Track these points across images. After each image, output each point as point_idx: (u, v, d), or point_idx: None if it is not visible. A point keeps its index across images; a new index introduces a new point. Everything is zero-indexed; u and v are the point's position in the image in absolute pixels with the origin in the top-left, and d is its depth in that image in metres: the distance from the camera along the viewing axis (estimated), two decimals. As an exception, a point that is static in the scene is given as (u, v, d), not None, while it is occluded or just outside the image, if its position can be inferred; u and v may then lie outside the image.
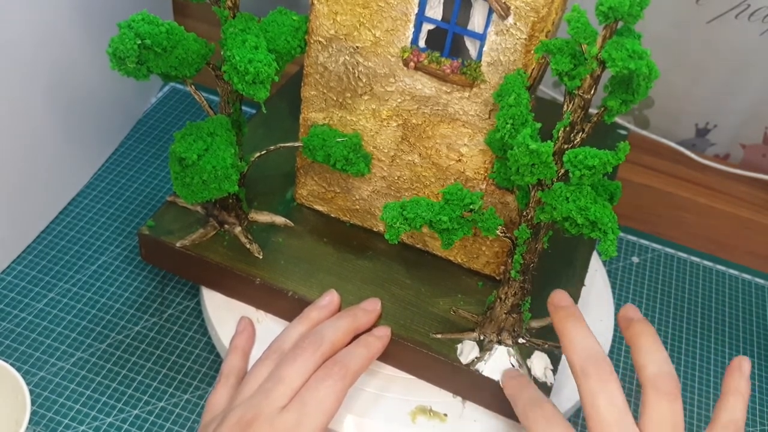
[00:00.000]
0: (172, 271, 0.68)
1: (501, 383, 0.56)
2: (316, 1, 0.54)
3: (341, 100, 0.58)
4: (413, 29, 0.53)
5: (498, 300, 0.57)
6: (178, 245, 0.62)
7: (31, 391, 0.60)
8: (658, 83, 0.45)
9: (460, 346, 0.58)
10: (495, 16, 0.49)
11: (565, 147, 0.49)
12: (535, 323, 0.59)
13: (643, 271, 0.78)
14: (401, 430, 0.57)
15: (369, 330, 0.58)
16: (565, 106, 0.48)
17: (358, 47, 0.55)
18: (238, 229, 0.63)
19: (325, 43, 0.56)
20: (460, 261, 0.63)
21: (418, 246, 0.64)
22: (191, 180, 0.56)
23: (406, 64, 0.54)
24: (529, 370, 0.57)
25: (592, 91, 0.46)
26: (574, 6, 0.45)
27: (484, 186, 0.58)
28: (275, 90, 0.76)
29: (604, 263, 0.73)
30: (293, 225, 0.65)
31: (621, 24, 0.43)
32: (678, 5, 0.84)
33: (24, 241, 0.70)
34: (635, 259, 0.79)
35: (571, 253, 0.66)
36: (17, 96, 0.63)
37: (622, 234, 0.81)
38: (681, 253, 0.81)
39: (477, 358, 0.57)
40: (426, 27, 0.52)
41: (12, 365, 0.57)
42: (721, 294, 0.78)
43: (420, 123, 0.57)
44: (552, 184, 0.49)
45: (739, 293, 0.78)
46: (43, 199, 0.72)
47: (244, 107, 0.59)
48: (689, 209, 0.87)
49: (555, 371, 0.57)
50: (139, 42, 0.49)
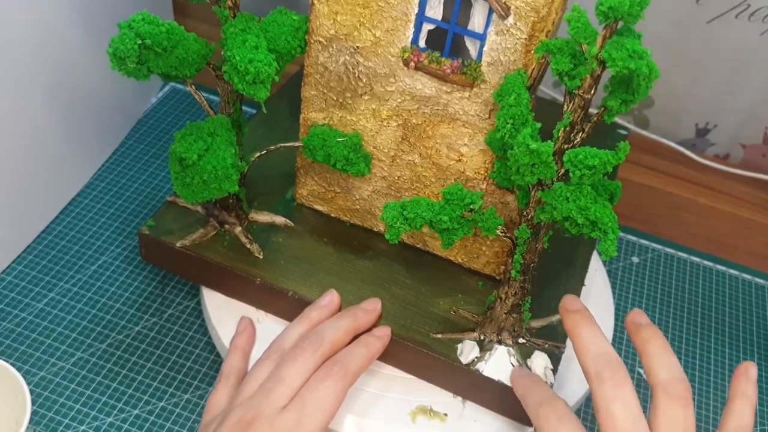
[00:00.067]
0: (172, 271, 0.68)
1: (510, 382, 0.55)
2: (316, 1, 0.54)
3: (341, 100, 0.58)
4: (413, 29, 0.53)
5: (498, 300, 0.57)
6: (178, 245, 0.62)
7: (32, 391, 0.60)
8: (658, 83, 0.45)
9: (460, 346, 0.58)
10: (495, 16, 0.49)
11: (565, 147, 0.49)
12: (535, 323, 0.59)
13: (643, 271, 0.78)
14: (401, 430, 0.57)
15: (369, 330, 0.58)
16: (565, 106, 0.48)
17: (358, 47, 0.55)
18: (238, 229, 0.63)
19: (326, 43, 0.56)
20: (460, 261, 0.63)
21: (418, 246, 0.65)
22: (191, 180, 0.56)
23: (406, 64, 0.54)
24: (530, 370, 0.57)
25: (592, 91, 0.46)
26: (574, 6, 0.45)
27: (484, 186, 0.58)
28: (275, 90, 0.76)
29: (604, 263, 0.73)
30: (293, 225, 0.65)
31: (621, 24, 0.43)
32: (678, 5, 0.84)
33: (24, 241, 0.70)
34: (635, 259, 0.79)
35: (571, 253, 0.66)
36: (17, 96, 0.63)
37: (622, 234, 0.81)
38: (681, 253, 0.81)
39: (477, 357, 0.57)
40: (426, 27, 0.52)
41: (12, 365, 0.57)
42: (721, 294, 0.78)
43: (420, 123, 0.57)
44: (552, 183, 0.49)
45: (739, 293, 0.78)
46: (43, 199, 0.72)
47: (244, 107, 0.59)
48: (689, 209, 0.87)
49: (555, 371, 0.57)
50: (140, 42, 0.49)
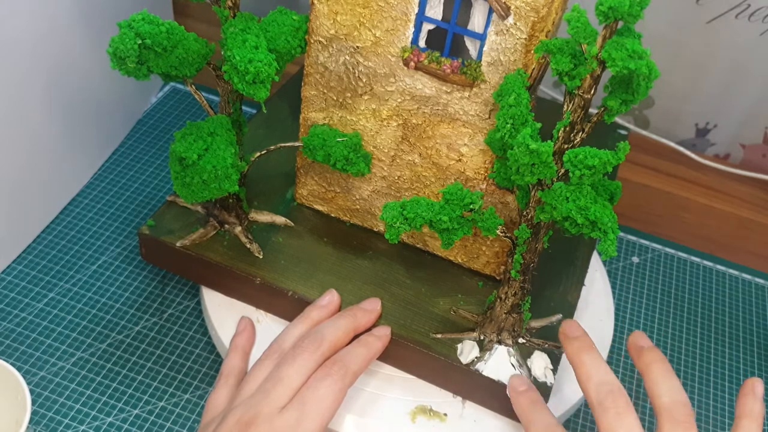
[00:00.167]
0: (172, 271, 0.68)
1: (509, 393, 0.55)
2: (316, 1, 0.54)
3: (341, 99, 0.58)
4: (413, 29, 0.53)
5: (498, 300, 0.57)
6: (178, 245, 0.62)
7: (32, 391, 0.60)
8: (658, 83, 0.45)
9: (460, 346, 0.58)
10: (495, 16, 0.49)
11: (565, 147, 0.49)
12: (535, 323, 0.59)
13: (643, 271, 0.78)
14: (401, 429, 0.57)
15: (369, 330, 0.58)
16: (565, 106, 0.48)
17: (358, 47, 0.55)
18: (238, 229, 0.63)
19: (326, 43, 0.56)
20: (460, 261, 0.63)
21: (418, 246, 0.64)
22: (191, 180, 0.56)
23: (406, 64, 0.54)
24: (529, 370, 0.57)
25: (592, 91, 0.46)
26: (574, 6, 0.45)
27: (484, 186, 0.58)
28: (275, 90, 0.76)
29: (604, 263, 0.73)
30: (293, 225, 0.65)
31: (621, 24, 0.43)
32: (678, 5, 0.84)
33: (24, 241, 0.70)
34: (635, 259, 0.79)
35: (571, 253, 0.66)
36: (17, 96, 0.63)
37: (622, 234, 0.81)
38: (681, 253, 0.81)
39: (477, 357, 0.57)
40: (426, 27, 0.52)
41: (12, 365, 0.57)
42: (721, 294, 0.78)
43: (420, 123, 0.57)
44: (552, 183, 0.49)
45: (739, 293, 0.78)
46: (43, 199, 0.72)
47: (244, 107, 0.59)
48: (689, 209, 0.87)
49: (555, 371, 0.57)
50: (140, 42, 0.49)
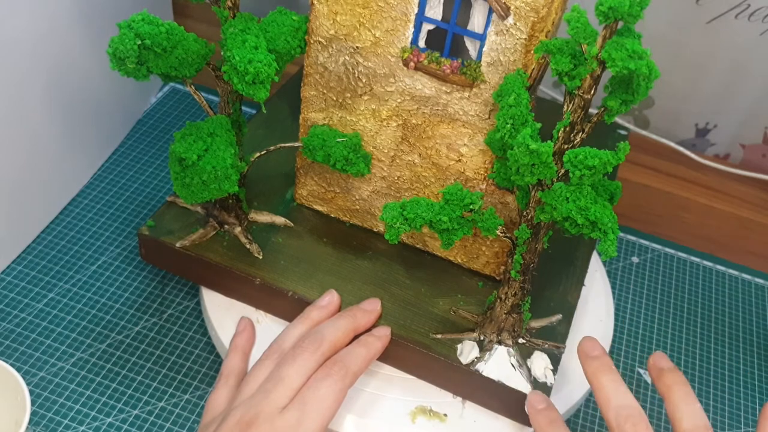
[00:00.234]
0: (172, 271, 0.68)
1: (527, 410, 0.55)
2: (316, 1, 0.54)
3: (341, 100, 0.58)
4: (413, 29, 0.53)
5: (498, 300, 0.57)
6: (178, 245, 0.62)
7: (31, 391, 0.60)
8: (658, 83, 0.45)
9: (460, 346, 0.58)
10: (495, 16, 0.49)
11: (565, 147, 0.49)
12: (535, 323, 0.59)
13: (643, 271, 0.78)
14: (401, 430, 0.57)
15: (369, 330, 0.58)
16: (565, 106, 0.48)
17: (358, 47, 0.55)
18: (238, 230, 0.63)
19: (325, 44, 0.56)
20: (460, 261, 0.63)
21: (418, 246, 0.64)
22: (191, 180, 0.55)
23: (406, 64, 0.54)
24: (529, 370, 0.57)
25: (592, 91, 0.46)
26: (574, 6, 0.45)
27: (484, 186, 0.58)
28: (275, 90, 0.76)
29: (604, 263, 0.73)
30: (293, 225, 0.65)
31: (621, 24, 0.43)
32: (678, 5, 0.84)
33: (24, 241, 0.70)
34: (635, 259, 0.79)
35: (571, 253, 0.66)
36: (17, 96, 0.63)
37: (622, 234, 0.81)
38: (681, 253, 0.81)
39: (477, 358, 0.57)
40: (426, 27, 0.52)
41: (12, 365, 0.57)
42: (721, 294, 0.78)
43: (420, 123, 0.57)
44: (552, 184, 0.49)
45: (739, 293, 0.78)
46: (43, 199, 0.72)
47: (244, 107, 0.59)
48: (689, 209, 0.87)
49: (555, 371, 0.57)
50: (139, 42, 0.49)
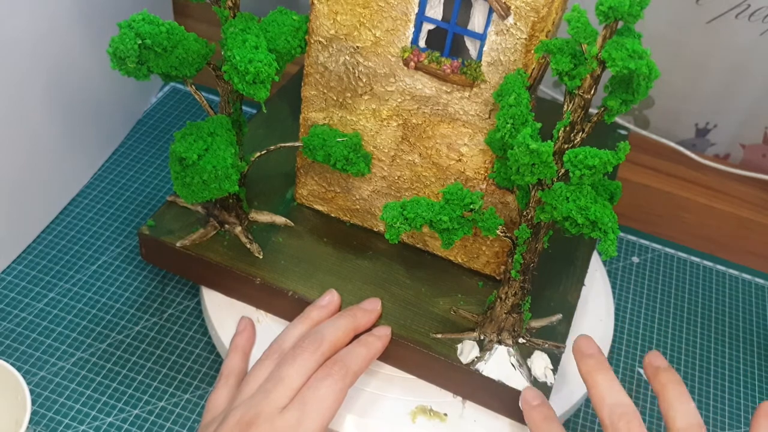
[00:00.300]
0: (172, 271, 0.68)
1: (521, 406, 0.55)
2: (316, 1, 0.54)
3: (341, 99, 0.58)
4: (413, 29, 0.53)
5: (498, 300, 0.57)
6: (178, 245, 0.62)
7: (32, 391, 0.60)
8: (658, 83, 0.45)
9: (460, 345, 0.58)
10: (495, 16, 0.49)
11: (565, 147, 0.49)
12: (535, 323, 0.59)
13: (643, 271, 0.78)
14: (401, 430, 0.57)
15: (369, 330, 0.58)
16: (565, 105, 0.48)
17: (358, 47, 0.55)
18: (238, 229, 0.63)
19: (326, 43, 0.56)
20: (460, 261, 0.63)
21: (418, 246, 0.64)
22: (191, 180, 0.55)
23: (406, 64, 0.54)
24: (529, 369, 0.57)
25: (592, 91, 0.46)
26: (574, 6, 0.45)
27: (484, 186, 0.58)
28: (276, 90, 0.76)
29: (604, 263, 0.73)
30: (293, 225, 0.65)
31: (621, 24, 0.43)
32: (678, 5, 0.84)
33: (24, 241, 0.70)
34: (635, 259, 0.79)
35: (572, 253, 0.66)
36: (17, 96, 0.63)
37: (622, 234, 0.81)
38: (681, 253, 0.81)
39: (477, 357, 0.57)
40: (426, 27, 0.52)
41: (12, 365, 0.57)
42: (721, 294, 0.78)
43: (420, 123, 0.57)
44: (552, 183, 0.49)
45: (739, 293, 0.78)
46: (43, 199, 0.72)
47: (244, 107, 0.59)
48: (689, 209, 0.87)
49: (555, 371, 0.57)
50: (140, 42, 0.49)
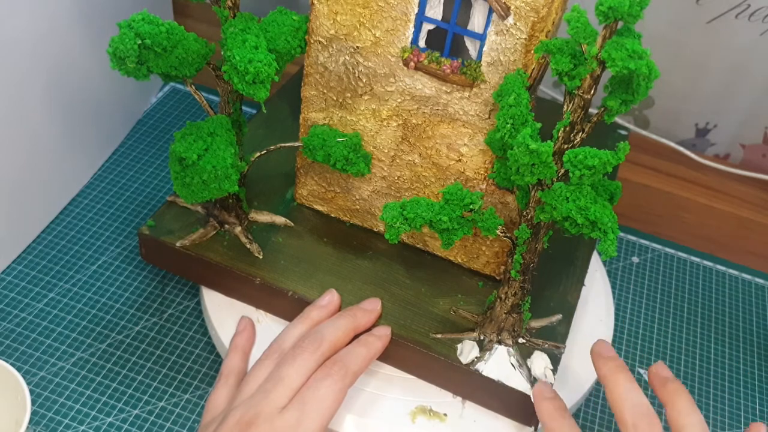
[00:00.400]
0: (172, 271, 0.68)
1: (533, 399, 0.55)
2: (316, 1, 0.54)
3: (341, 100, 0.58)
4: (413, 29, 0.53)
5: (498, 300, 0.57)
6: (178, 245, 0.62)
7: (32, 391, 0.60)
8: (658, 83, 0.45)
9: (460, 346, 0.58)
10: (495, 16, 0.49)
11: (565, 147, 0.49)
12: (535, 323, 0.59)
13: (643, 271, 0.78)
14: (401, 430, 0.57)
15: (369, 330, 0.58)
16: (565, 106, 0.48)
17: (358, 47, 0.55)
18: (238, 229, 0.63)
19: (326, 43, 0.56)
20: (460, 261, 0.63)
21: (418, 246, 0.64)
22: (191, 180, 0.56)
23: (406, 64, 0.54)
24: (529, 370, 0.57)
25: (591, 91, 0.46)
26: (574, 6, 0.45)
27: (484, 186, 0.58)
28: (276, 90, 0.76)
29: (604, 263, 0.73)
30: (293, 225, 0.65)
31: (621, 24, 0.43)
32: (678, 5, 0.84)
33: (24, 241, 0.70)
34: (635, 259, 0.79)
35: (571, 253, 0.66)
36: (17, 96, 0.63)
37: (622, 234, 0.81)
38: (681, 253, 0.81)
39: (477, 358, 0.57)
40: (426, 27, 0.52)
41: (12, 365, 0.57)
42: (721, 294, 0.78)
43: (420, 123, 0.57)
44: (552, 184, 0.49)
45: (739, 293, 0.78)
46: (43, 199, 0.72)
47: (244, 107, 0.59)
48: (689, 209, 0.87)
49: (555, 371, 0.57)
50: (139, 42, 0.49)
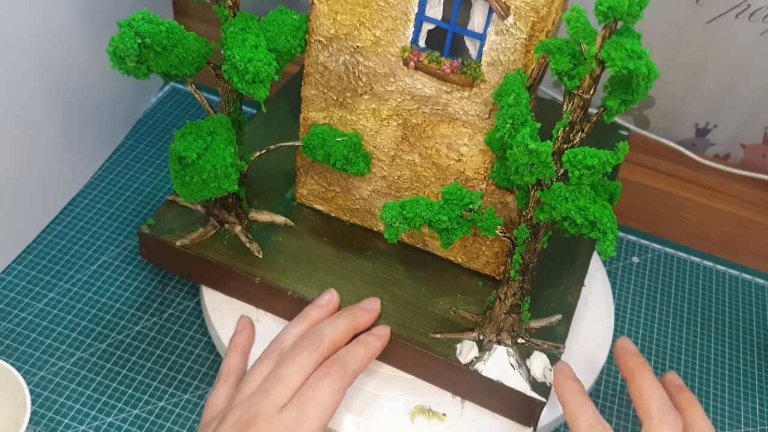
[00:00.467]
0: (172, 270, 0.68)
1: (553, 375, 0.56)
2: (316, 1, 0.54)
3: (341, 99, 0.58)
4: (413, 29, 0.53)
5: (497, 300, 0.57)
6: (178, 244, 0.62)
7: (32, 391, 0.60)
8: (658, 83, 0.45)
9: (459, 346, 0.58)
10: (495, 15, 0.49)
11: (565, 147, 0.49)
12: (535, 323, 0.59)
13: (643, 271, 0.78)
14: (400, 429, 0.57)
15: (368, 329, 0.58)
16: (565, 105, 0.48)
17: (358, 47, 0.55)
18: (238, 228, 0.63)
19: (326, 43, 0.56)
20: (460, 261, 0.63)
21: (418, 246, 0.64)
22: (191, 179, 0.56)
23: (406, 63, 0.54)
24: (528, 370, 0.57)
25: (591, 91, 0.46)
26: (573, 6, 0.45)
27: (484, 186, 0.58)
28: (276, 90, 0.76)
29: (604, 263, 0.73)
30: (293, 224, 0.65)
31: (620, 24, 0.43)
32: (678, 5, 0.84)
33: (24, 241, 0.70)
34: (635, 259, 0.79)
35: (571, 254, 0.66)
36: (17, 96, 0.63)
37: (622, 234, 0.81)
38: (681, 253, 0.81)
39: (476, 358, 0.57)
40: (426, 26, 0.52)
41: (12, 365, 0.57)
42: (721, 294, 0.78)
43: (420, 123, 0.57)
44: (551, 184, 0.49)
45: (739, 293, 0.78)
46: (43, 199, 0.72)
47: (245, 108, 0.59)
48: (689, 209, 0.87)
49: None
50: (139, 41, 0.49)
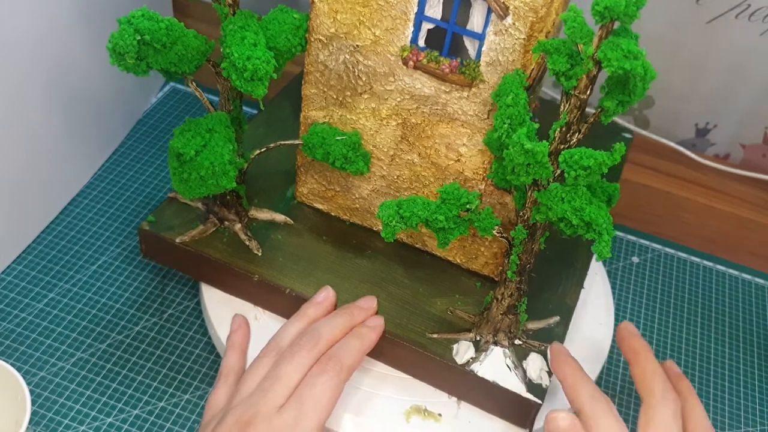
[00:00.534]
0: (171, 267, 0.68)
1: (549, 359, 0.57)
2: (316, 0, 0.54)
3: (341, 98, 0.59)
4: (413, 28, 0.53)
5: (494, 300, 0.57)
6: (177, 241, 0.62)
7: (32, 391, 0.60)
8: (657, 83, 0.45)
9: (456, 346, 0.58)
10: (494, 16, 0.49)
11: (562, 147, 0.49)
12: (532, 325, 0.59)
13: (643, 271, 0.78)
14: (395, 429, 0.57)
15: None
16: (562, 106, 0.48)
17: (358, 46, 0.55)
18: (237, 226, 0.63)
19: (326, 42, 0.56)
20: (458, 261, 0.63)
21: (417, 246, 0.65)
22: (189, 175, 0.56)
23: (405, 63, 0.54)
24: (525, 371, 0.57)
25: (588, 92, 0.46)
26: (570, 6, 0.45)
27: (482, 186, 0.58)
28: (278, 90, 0.76)
29: (604, 264, 0.73)
30: (293, 223, 0.65)
31: (617, 24, 0.43)
32: (678, 5, 0.84)
33: (24, 241, 0.70)
34: (635, 259, 0.79)
35: (571, 255, 0.66)
36: (17, 95, 0.64)
37: (622, 234, 0.81)
38: (681, 253, 0.81)
39: (473, 358, 0.57)
40: (425, 26, 0.52)
41: (12, 365, 0.57)
42: (721, 294, 0.78)
43: (419, 122, 0.57)
44: (548, 184, 0.49)
45: (739, 293, 0.78)
46: (43, 199, 0.72)
47: (245, 108, 0.59)
48: (689, 209, 0.87)
49: (550, 373, 0.57)
50: (139, 38, 0.50)
